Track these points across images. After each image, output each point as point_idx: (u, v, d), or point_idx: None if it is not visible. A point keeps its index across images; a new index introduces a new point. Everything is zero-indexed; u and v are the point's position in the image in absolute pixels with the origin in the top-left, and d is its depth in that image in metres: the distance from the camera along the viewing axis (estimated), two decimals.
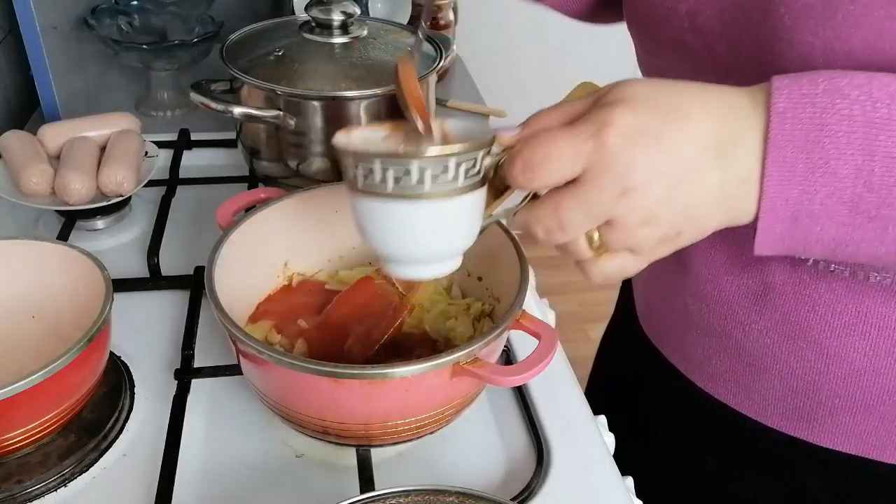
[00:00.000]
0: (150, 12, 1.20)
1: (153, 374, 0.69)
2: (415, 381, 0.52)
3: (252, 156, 0.91)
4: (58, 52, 1.06)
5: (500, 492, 0.60)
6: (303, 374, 0.52)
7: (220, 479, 0.61)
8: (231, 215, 0.68)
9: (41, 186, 0.82)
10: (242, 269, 0.65)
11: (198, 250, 0.84)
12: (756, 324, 0.63)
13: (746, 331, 0.64)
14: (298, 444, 0.63)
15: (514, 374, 0.54)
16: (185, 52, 1.12)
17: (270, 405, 0.59)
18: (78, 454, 0.60)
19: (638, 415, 0.83)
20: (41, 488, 0.58)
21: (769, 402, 0.65)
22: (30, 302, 0.66)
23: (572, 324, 2.32)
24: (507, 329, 0.57)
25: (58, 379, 0.55)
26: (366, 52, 0.87)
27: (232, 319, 0.55)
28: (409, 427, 0.57)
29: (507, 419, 0.67)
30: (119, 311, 0.64)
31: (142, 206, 0.92)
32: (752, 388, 0.66)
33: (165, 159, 0.96)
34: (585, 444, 0.65)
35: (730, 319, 0.64)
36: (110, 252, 0.84)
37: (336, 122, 0.84)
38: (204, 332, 0.72)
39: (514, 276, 0.62)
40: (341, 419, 0.55)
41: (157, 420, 0.64)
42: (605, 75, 1.88)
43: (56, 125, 0.89)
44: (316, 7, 0.87)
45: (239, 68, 0.84)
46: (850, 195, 0.43)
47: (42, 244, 0.66)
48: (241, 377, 0.63)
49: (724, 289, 0.64)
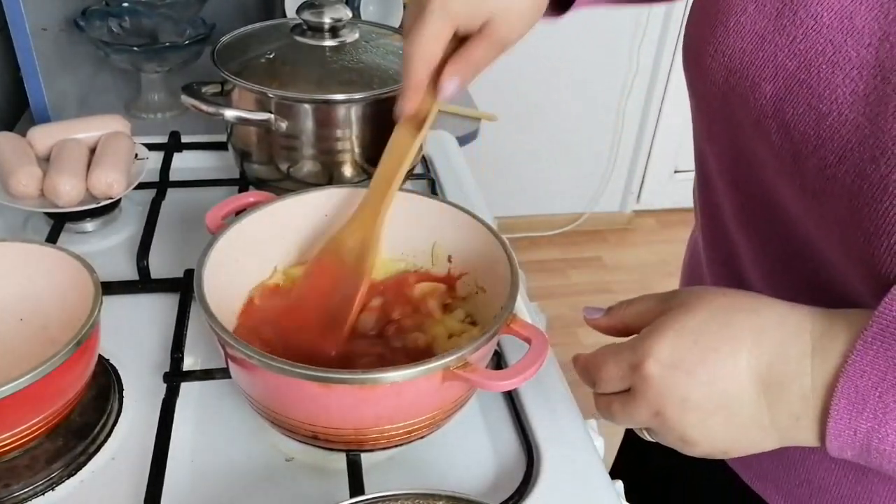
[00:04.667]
0: (141, 14, 1.20)
1: (142, 378, 0.69)
2: (405, 385, 0.52)
3: (243, 159, 0.91)
4: (48, 54, 1.05)
5: (490, 496, 0.60)
6: (292, 378, 0.52)
7: (209, 482, 0.60)
8: (220, 219, 0.68)
9: (30, 188, 0.81)
10: (232, 273, 0.65)
11: (188, 253, 0.83)
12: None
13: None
14: (288, 447, 0.63)
15: (504, 378, 0.55)
16: (175, 54, 1.12)
17: (259, 409, 0.59)
18: (66, 458, 0.60)
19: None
20: (29, 492, 0.58)
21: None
22: (18, 305, 0.65)
23: (563, 328, 2.31)
24: (497, 333, 0.57)
25: (46, 382, 0.54)
26: (357, 56, 0.87)
27: (221, 323, 0.55)
28: (399, 432, 0.56)
29: (498, 423, 0.67)
30: (108, 314, 0.64)
31: (131, 209, 0.91)
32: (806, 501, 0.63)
33: (155, 162, 0.96)
34: (575, 449, 0.65)
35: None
36: (99, 255, 0.83)
37: (327, 125, 0.84)
38: (193, 336, 0.72)
39: (505, 281, 0.62)
40: (331, 424, 0.55)
41: (145, 423, 0.64)
42: (597, 80, 1.89)
43: (45, 127, 0.89)
44: (307, 10, 0.87)
45: (230, 71, 0.84)
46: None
47: (31, 246, 0.65)
48: (230, 380, 0.62)
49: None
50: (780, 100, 0.49)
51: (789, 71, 0.48)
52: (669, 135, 2.68)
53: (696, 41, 0.56)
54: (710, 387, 0.44)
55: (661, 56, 2.50)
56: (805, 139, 0.48)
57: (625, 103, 2.59)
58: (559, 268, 2.63)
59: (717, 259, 0.65)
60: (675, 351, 0.45)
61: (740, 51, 0.51)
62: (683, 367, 0.45)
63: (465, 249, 0.70)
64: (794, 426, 0.44)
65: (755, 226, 0.58)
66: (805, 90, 0.47)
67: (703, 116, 0.59)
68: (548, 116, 2.56)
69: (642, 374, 0.46)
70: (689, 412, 0.45)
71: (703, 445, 0.47)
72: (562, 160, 2.68)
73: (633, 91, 2.57)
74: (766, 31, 0.50)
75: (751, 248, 0.59)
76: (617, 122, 2.64)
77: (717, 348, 0.44)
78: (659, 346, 0.46)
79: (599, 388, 0.50)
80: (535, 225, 2.73)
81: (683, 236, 0.82)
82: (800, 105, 0.48)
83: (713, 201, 0.63)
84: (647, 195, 2.85)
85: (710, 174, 0.62)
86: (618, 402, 0.49)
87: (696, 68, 0.56)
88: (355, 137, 0.86)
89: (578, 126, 2.61)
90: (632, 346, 0.48)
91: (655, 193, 2.84)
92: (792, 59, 0.48)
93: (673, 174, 2.81)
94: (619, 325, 0.52)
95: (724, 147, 0.57)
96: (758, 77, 0.50)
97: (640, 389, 0.46)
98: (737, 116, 0.53)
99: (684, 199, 2.82)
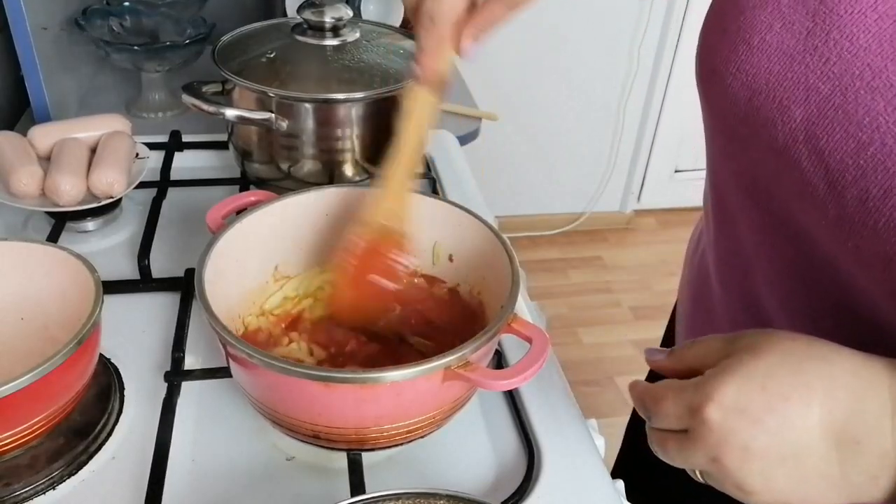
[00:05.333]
0: (142, 13, 1.20)
1: (143, 377, 0.69)
2: (406, 385, 0.52)
3: (243, 158, 0.91)
4: (48, 53, 1.05)
5: (490, 495, 0.60)
6: (293, 378, 0.52)
7: (210, 482, 0.60)
8: (221, 219, 0.68)
9: (31, 188, 0.81)
10: (233, 272, 0.65)
11: (188, 252, 0.83)
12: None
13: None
14: (289, 447, 0.63)
15: (505, 377, 0.54)
16: (176, 53, 1.12)
17: (260, 409, 0.59)
18: (67, 457, 0.60)
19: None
20: (29, 491, 0.58)
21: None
22: (19, 304, 0.65)
23: (563, 327, 2.32)
24: (498, 333, 0.57)
25: (47, 381, 0.55)
26: (358, 55, 0.87)
27: (222, 322, 0.55)
28: (400, 431, 0.56)
29: (498, 423, 0.67)
30: (109, 313, 0.64)
31: (132, 208, 0.91)
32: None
33: (156, 161, 0.96)
34: (576, 448, 0.65)
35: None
36: (100, 254, 0.83)
37: (328, 124, 0.84)
38: (194, 335, 0.72)
39: (506, 280, 0.62)
40: (332, 423, 0.55)
41: (146, 423, 0.64)
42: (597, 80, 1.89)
43: (46, 126, 0.89)
44: (308, 9, 0.87)
45: (231, 70, 0.84)
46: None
47: (31, 246, 0.65)
48: (231, 380, 0.63)
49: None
50: (812, 125, 0.46)
51: (822, 94, 0.46)
52: (670, 134, 2.68)
53: (714, 58, 0.53)
54: (777, 436, 0.42)
55: (661, 55, 2.50)
56: (843, 168, 0.45)
57: (625, 103, 2.59)
58: (559, 267, 2.62)
59: (732, 279, 0.63)
60: (741, 396, 0.43)
61: (766, 71, 0.49)
62: (749, 414, 0.42)
63: (465, 249, 0.70)
64: (870, 484, 0.42)
65: (775, 246, 0.55)
66: (841, 116, 0.45)
67: (719, 134, 0.57)
68: (548, 116, 2.56)
69: (702, 418, 0.43)
70: (750, 461, 0.43)
71: (763, 496, 0.44)
72: (562, 159, 2.68)
73: (633, 90, 2.57)
74: (794, 50, 0.47)
75: (768, 269, 0.57)
76: (617, 121, 2.64)
77: (788, 396, 0.42)
78: (723, 389, 0.43)
79: (655, 422, 0.48)
80: (535, 224, 2.73)
81: (684, 236, 0.81)
82: (835, 132, 0.45)
83: (728, 216, 0.61)
84: (648, 195, 2.84)
85: (725, 189, 0.60)
86: (674, 441, 0.47)
87: (715, 87, 0.53)
88: (356, 137, 0.86)
89: (579, 125, 2.61)
90: (694, 386, 0.45)
91: (656, 193, 2.84)
92: (825, 83, 0.46)
93: (673, 174, 2.81)
94: (682, 367, 0.49)
95: (744, 166, 0.55)
96: (786, 99, 0.48)
97: (699, 433, 0.44)
98: (760, 138, 0.50)
99: (685, 198, 2.82)
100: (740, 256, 0.60)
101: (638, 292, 2.51)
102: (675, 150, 2.74)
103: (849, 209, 0.45)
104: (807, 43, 0.46)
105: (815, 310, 0.54)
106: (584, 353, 2.24)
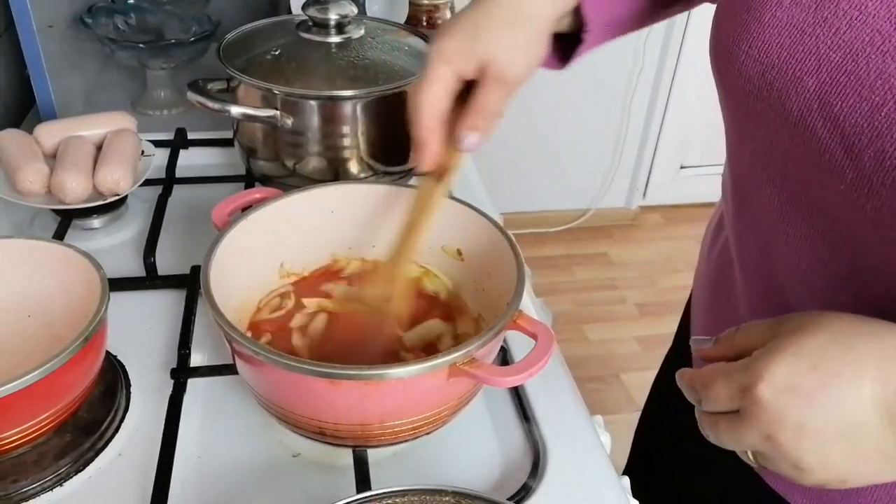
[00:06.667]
0: (147, 11, 1.20)
1: (149, 374, 0.69)
2: (411, 382, 0.52)
3: (249, 155, 0.91)
4: (54, 51, 1.06)
5: (496, 492, 0.60)
6: (299, 375, 0.52)
7: (216, 478, 0.60)
8: (227, 216, 0.68)
9: (37, 185, 0.81)
10: (238, 269, 0.65)
11: (194, 249, 0.84)
12: None
13: None
14: (295, 443, 0.63)
15: (510, 374, 0.54)
16: (181, 50, 1.12)
17: (266, 405, 0.59)
18: (74, 454, 0.60)
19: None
20: (37, 488, 0.58)
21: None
22: (25, 301, 0.66)
23: (569, 324, 2.32)
24: (503, 329, 0.57)
25: (53, 379, 0.55)
26: (363, 52, 0.87)
27: (228, 320, 0.55)
28: (405, 428, 0.57)
29: (504, 419, 0.67)
30: (115, 311, 0.64)
31: (138, 206, 0.92)
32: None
33: (162, 158, 0.96)
34: (581, 444, 0.65)
35: None
36: (106, 251, 0.83)
37: (333, 121, 0.84)
38: (200, 332, 0.72)
39: (511, 277, 0.62)
40: (338, 420, 0.55)
41: (152, 419, 0.64)
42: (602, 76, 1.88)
43: (52, 124, 0.89)
44: (313, 6, 0.87)
45: (236, 67, 0.84)
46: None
47: (38, 243, 0.66)
48: (237, 377, 0.63)
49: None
50: (825, 93, 0.47)
51: (834, 63, 0.47)
52: (675, 130, 2.67)
53: (726, 39, 0.54)
54: (831, 413, 0.42)
55: (667, 51, 2.49)
56: (859, 131, 0.46)
57: (631, 99, 2.58)
58: (564, 264, 2.62)
59: (751, 262, 0.64)
60: (792, 374, 0.43)
61: (778, 45, 0.50)
62: (801, 392, 0.42)
63: (471, 246, 0.70)
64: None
65: (793, 224, 0.56)
66: (854, 81, 0.46)
67: (735, 115, 0.58)
68: (553, 112, 2.55)
69: (755, 397, 0.43)
70: (806, 438, 0.43)
71: (819, 473, 0.44)
72: (567, 156, 2.67)
73: (638, 86, 2.56)
74: (804, 23, 0.48)
75: (786, 249, 0.57)
76: (622, 117, 2.63)
77: (839, 373, 0.42)
78: (774, 368, 0.43)
79: (706, 406, 0.48)
80: (540, 221, 2.73)
81: (690, 232, 0.81)
82: (849, 97, 0.46)
83: (746, 200, 0.61)
84: (653, 191, 2.84)
85: (743, 172, 0.60)
86: (725, 422, 0.47)
87: (729, 66, 0.54)
88: (361, 134, 0.86)
89: (584, 122, 2.60)
90: (744, 367, 0.45)
91: (661, 189, 2.83)
92: (836, 51, 0.47)
93: (679, 170, 2.80)
94: (730, 353, 0.49)
95: (760, 144, 0.56)
96: (799, 71, 0.49)
97: (752, 412, 0.44)
98: (775, 112, 0.51)
99: (690, 194, 2.81)
100: (760, 238, 0.60)
101: (643, 289, 2.50)
102: (681, 147, 2.73)
103: (866, 171, 0.46)
104: (816, 15, 0.48)
105: (834, 287, 0.54)
106: (590, 349, 2.24)
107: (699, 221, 0.79)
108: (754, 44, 0.51)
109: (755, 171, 0.58)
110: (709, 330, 0.71)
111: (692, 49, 2.46)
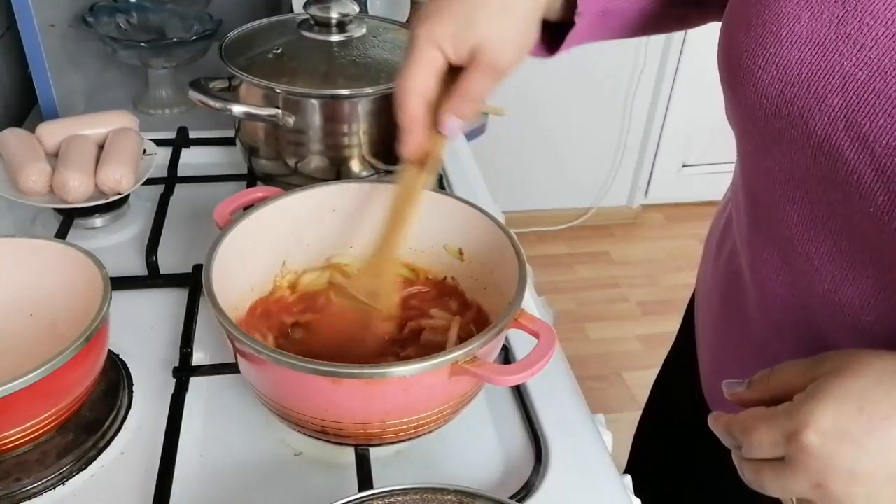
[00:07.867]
0: (149, 10, 1.20)
1: (151, 373, 0.69)
2: (413, 380, 0.52)
3: (250, 154, 0.91)
4: (56, 50, 1.06)
5: (498, 490, 0.60)
6: (301, 373, 0.52)
7: (218, 477, 0.61)
8: (229, 214, 0.68)
9: (39, 185, 0.81)
10: (240, 268, 0.65)
11: (196, 248, 0.84)
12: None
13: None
14: (297, 442, 0.63)
15: (512, 373, 0.54)
16: (183, 49, 1.12)
17: (268, 404, 0.59)
18: (76, 452, 0.60)
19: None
20: (39, 486, 0.58)
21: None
22: (28, 300, 0.66)
23: (571, 323, 2.32)
24: (505, 328, 0.57)
25: (56, 378, 0.55)
26: (364, 51, 0.87)
27: (229, 318, 0.55)
28: (407, 426, 0.57)
29: (506, 418, 0.67)
30: (117, 310, 0.64)
31: (140, 205, 0.92)
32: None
33: (164, 157, 0.96)
34: (583, 443, 0.65)
35: None
36: (108, 250, 0.83)
37: (335, 120, 0.84)
38: (202, 331, 0.72)
39: (513, 275, 0.62)
40: (340, 419, 0.55)
41: (155, 418, 0.64)
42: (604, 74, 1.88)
43: (54, 123, 0.89)
44: (314, 5, 0.87)
45: (237, 66, 0.84)
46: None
47: (40, 242, 0.66)
48: (239, 375, 0.63)
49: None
50: (852, 112, 0.46)
51: (861, 81, 0.45)
52: (678, 129, 2.67)
53: (740, 55, 0.52)
54: (881, 457, 0.41)
55: (669, 49, 2.49)
56: (891, 152, 0.45)
57: (633, 97, 2.58)
58: (566, 263, 2.62)
59: (766, 275, 0.62)
60: (839, 419, 0.41)
61: (798, 62, 0.48)
62: (850, 437, 0.41)
63: (473, 244, 0.69)
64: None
65: (815, 242, 0.54)
66: (883, 100, 0.44)
67: (748, 129, 0.56)
68: (555, 111, 2.55)
69: (801, 444, 0.42)
70: (857, 484, 0.42)
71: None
72: (569, 154, 2.67)
73: (640, 85, 2.56)
74: (826, 39, 0.47)
75: (808, 267, 0.56)
76: (625, 115, 2.63)
77: (887, 416, 0.41)
78: (819, 413, 0.42)
79: (747, 453, 0.46)
80: (542, 220, 2.73)
81: (691, 231, 0.81)
82: (878, 116, 0.45)
83: (762, 215, 0.60)
84: (655, 190, 2.84)
85: (758, 188, 0.59)
86: (770, 469, 0.45)
87: (743, 81, 0.52)
88: (362, 132, 0.86)
89: (586, 120, 2.60)
90: (787, 413, 0.44)
91: (663, 188, 2.83)
92: (863, 69, 0.45)
93: (681, 169, 2.80)
94: (766, 395, 0.48)
95: (779, 162, 0.54)
96: (822, 89, 0.47)
97: (799, 459, 0.43)
98: (796, 130, 0.50)
99: (692, 193, 2.81)
100: (777, 255, 0.59)
101: (645, 287, 2.50)
102: (683, 145, 2.73)
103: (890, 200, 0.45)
104: (839, 31, 0.46)
105: (860, 307, 0.53)
106: (592, 348, 2.24)
107: (701, 220, 0.78)
108: (772, 59, 0.49)
109: (773, 188, 0.56)
110: (719, 342, 0.70)
111: (695, 47, 2.46)
